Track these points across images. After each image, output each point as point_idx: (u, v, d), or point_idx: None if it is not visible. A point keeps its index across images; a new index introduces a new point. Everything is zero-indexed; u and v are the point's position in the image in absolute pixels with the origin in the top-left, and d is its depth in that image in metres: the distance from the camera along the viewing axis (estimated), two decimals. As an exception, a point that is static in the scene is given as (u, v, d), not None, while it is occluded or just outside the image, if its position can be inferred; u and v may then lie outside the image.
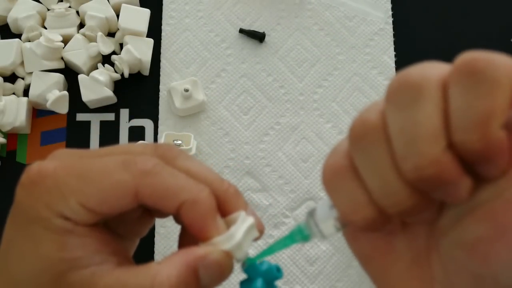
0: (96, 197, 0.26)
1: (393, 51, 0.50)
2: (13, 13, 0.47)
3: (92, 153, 0.28)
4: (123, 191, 0.26)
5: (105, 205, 0.26)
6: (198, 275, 0.25)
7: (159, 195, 0.26)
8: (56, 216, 0.26)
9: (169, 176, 0.26)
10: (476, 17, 0.52)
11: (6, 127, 0.44)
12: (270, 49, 0.50)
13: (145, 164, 0.26)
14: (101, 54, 0.47)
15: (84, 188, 0.26)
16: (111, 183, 0.26)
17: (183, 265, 0.25)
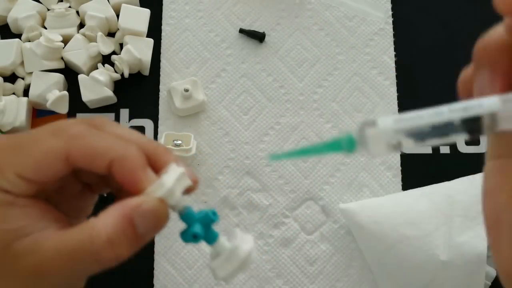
0: (30, 165, 0.27)
1: (393, 51, 0.50)
2: (13, 13, 0.47)
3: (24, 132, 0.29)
4: (55, 156, 0.27)
5: (40, 173, 0.27)
6: (134, 224, 0.25)
7: (88, 155, 0.27)
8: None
9: (97, 137, 0.27)
10: (476, 17, 0.52)
11: (6, 127, 0.44)
12: (270, 49, 0.50)
13: (73, 129, 0.27)
14: (101, 54, 0.47)
15: (18, 159, 0.27)
16: (42, 150, 0.27)
17: (119, 215, 0.25)
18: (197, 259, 0.44)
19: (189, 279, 0.43)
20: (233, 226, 0.45)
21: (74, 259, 0.26)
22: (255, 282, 0.43)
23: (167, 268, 0.43)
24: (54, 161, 0.27)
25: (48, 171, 0.27)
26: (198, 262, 0.44)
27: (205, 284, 0.43)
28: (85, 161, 0.27)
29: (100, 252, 0.25)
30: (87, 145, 0.27)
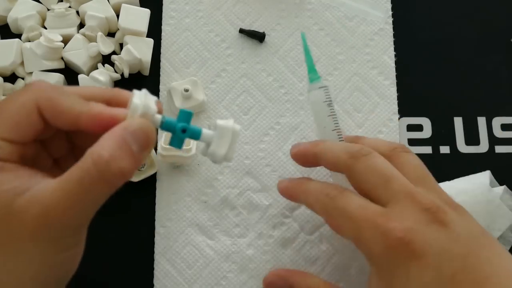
0: (9, 124, 0.28)
1: (393, 51, 0.50)
2: (13, 13, 0.47)
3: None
4: (27, 109, 0.28)
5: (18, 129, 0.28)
6: (128, 143, 0.27)
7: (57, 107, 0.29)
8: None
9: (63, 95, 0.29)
10: (476, 17, 0.52)
11: (6, 127, 0.44)
12: (270, 49, 0.50)
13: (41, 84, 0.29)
14: (101, 54, 0.47)
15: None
16: (16, 106, 0.29)
17: (113, 137, 0.27)
18: (197, 259, 0.44)
19: (189, 279, 0.43)
20: (233, 226, 0.45)
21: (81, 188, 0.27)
22: (255, 282, 0.43)
23: (167, 268, 0.43)
24: (28, 113, 0.28)
25: (25, 126, 0.29)
26: (198, 262, 0.44)
27: (205, 284, 0.43)
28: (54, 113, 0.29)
29: (105, 170, 0.26)
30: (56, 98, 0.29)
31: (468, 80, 0.50)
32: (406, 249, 0.30)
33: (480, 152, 0.48)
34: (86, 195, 0.27)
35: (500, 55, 0.51)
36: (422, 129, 0.48)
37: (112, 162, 0.27)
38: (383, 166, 0.34)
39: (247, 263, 0.44)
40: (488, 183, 0.44)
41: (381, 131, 0.48)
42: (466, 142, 0.48)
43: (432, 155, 0.48)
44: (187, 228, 0.44)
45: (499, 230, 0.43)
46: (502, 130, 0.49)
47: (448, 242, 0.30)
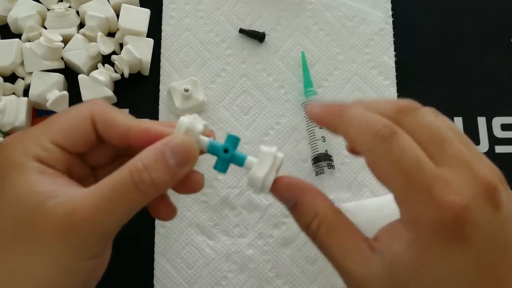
0: (63, 130, 0.30)
1: (393, 51, 0.50)
2: (13, 13, 0.47)
3: None
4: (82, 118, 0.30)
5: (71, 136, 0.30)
6: (165, 156, 0.28)
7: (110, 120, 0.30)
8: (30, 159, 0.29)
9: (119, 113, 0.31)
10: (476, 17, 0.52)
11: (6, 127, 0.44)
12: (270, 49, 0.50)
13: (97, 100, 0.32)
14: (101, 54, 0.47)
15: (51, 127, 0.30)
16: (71, 115, 0.31)
17: (152, 149, 0.28)
18: (197, 259, 0.44)
19: (189, 279, 0.43)
20: (233, 226, 0.45)
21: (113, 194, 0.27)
22: (255, 282, 0.43)
23: (167, 268, 0.43)
24: (82, 122, 0.30)
25: (77, 134, 0.30)
26: (198, 262, 0.44)
27: (205, 284, 0.43)
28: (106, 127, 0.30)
29: (138, 180, 0.28)
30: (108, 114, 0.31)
31: (468, 80, 0.50)
32: (457, 229, 0.26)
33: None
34: (117, 201, 0.28)
35: (500, 55, 0.51)
36: (422, 129, 0.48)
37: (145, 172, 0.28)
38: (436, 125, 0.28)
39: (247, 263, 0.44)
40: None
41: (381, 131, 0.48)
42: (466, 142, 0.48)
43: (432, 155, 0.48)
44: (187, 228, 0.44)
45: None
46: (502, 130, 0.49)
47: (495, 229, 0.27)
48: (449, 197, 0.26)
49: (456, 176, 0.27)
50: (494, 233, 0.27)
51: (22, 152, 0.29)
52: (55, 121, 0.31)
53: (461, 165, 0.27)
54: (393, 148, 0.27)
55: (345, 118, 0.29)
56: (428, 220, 0.26)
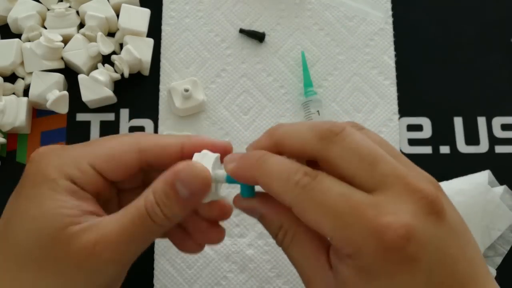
0: (104, 156, 0.30)
1: (393, 51, 0.50)
2: (13, 13, 0.47)
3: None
4: (128, 147, 0.30)
5: (113, 164, 0.30)
6: (176, 188, 0.28)
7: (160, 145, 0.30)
8: (63, 178, 0.28)
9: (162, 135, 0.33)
10: (476, 17, 0.52)
11: (6, 127, 0.44)
12: (270, 49, 0.50)
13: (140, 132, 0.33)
14: (101, 54, 0.47)
15: (93, 150, 0.29)
16: (115, 143, 0.30)
17: (163, 180, 0.28)
18: (197, 259, 0.44)
19: (189, 279, 0.43)
20: (233, 226, 0.45)
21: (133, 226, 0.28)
22: (255, 282, 0.43)
23: (167, 268, 0.43)
24: (127, 151, 0.30)
25: (120, 162, 0.30)
26: (198, 262, 0.44)
27: (205, 284, 0.43)
28: (158, 151, 0.30)
29: (152, 213, 0.28)
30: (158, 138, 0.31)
31: (468, 80, 0.50)
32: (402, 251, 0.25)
33: (480, 152, 0.48)
34: (136, 234, 0.28)
35: (500, 55, 0.51)
36: (422, 129, 0.48)
37: (157, 207, 0.28)
38: (364, 145, 0.27)
39: (247, 263, 0.44)
40: (486, 183, 0.44)
41: (381, 131, 0.48)
42: (466, 142, 0.48)
43: (432, 155, 0.48)
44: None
45: (499, 230, 0.43)
46: (502, 130, 0.49)
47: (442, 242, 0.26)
48: (385, 219, 0.25)
49: (390, 196, 0.26)
50: (442, 247, 0.26)
51: (57, 168, 0.29)
52: (99, 145, 0.30)
53: (396, 183, 0.26)
54: (315, 192, 0.26)
55: (264, 171, 0.28)
56: (369, 250, 0.25)
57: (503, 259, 0.44)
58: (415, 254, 0.25)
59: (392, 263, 0.25)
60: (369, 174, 0.27)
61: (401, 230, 0.25)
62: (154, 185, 0.28)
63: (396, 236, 0.24)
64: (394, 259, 0.25)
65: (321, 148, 0.28)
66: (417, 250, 0.25)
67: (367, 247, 0.25)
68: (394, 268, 0.25)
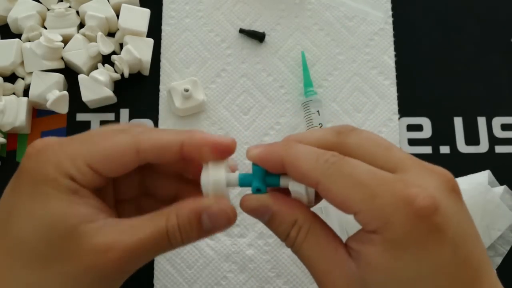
0: (101, 155, 0.29)
1: (393, 51, 0.50)
2: (13, 13, 0.47)
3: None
4: (125, 148, 0.29)
5: (110, 164, 0.29)
6: (202, 221, 0.28)
7: (160, 145, 0.29)
8: (64, 177, 0.28)
9: (162, 131, 0.30)
10: (476, 17, 0.52)
11: (6, 127, 0.44)
12: (270, 49, 0.50)
13: (138, 128, 0.30)
14: (101, 54, 0.47)
15: (90, 150, 0.29)
16: (114, 143, 0.29)
17: (190, 209, 0.28)
18: (197, 259, 0.44)
19: (189, 279, 0.43)
20: (233, 226, 0.44)
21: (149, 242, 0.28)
22: (255, 282, 0.43)
23: (167, 268, 0.43)
24: (125, 152, 0.29)
25: (118, 162, 0.29)
26: (198, 262, 0.44)
27: (205, 284, 0.43)
28: (158, 150, 0.29)
29: (172, 237, 0.28)
30: (157, 137, 0.29)
31: (468, 80, 0.50)
32: (430, 220, 0.25)
33: (480, 152, 0.48)
34: (151, 250, 0.28)
35: (500, 55, 0.51)
36: (422, 129, 0.48)
37: (178, 231, 0.28)
38: (377, 137, 0.29)
39: (247, 263, 0.44)
40: (486, 183, 0.44)
41: (381, 131, 0.48)
42: (466, 142, 0.48)
43: (432, 155, 0.48)
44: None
45: (499, 230, 0.43)
46: (502, 130, 0.49)
47: (463, 221, 0.27)
48: (413, 190, 0.26)
49: (413, 175, 0.27)
50: (463, 226, 0.27)
51: (56, 167, 0.28)
52: (96, 144, 0.29)
53: (414, 165, 0.27)
54: (344, 167, 0.27)
55: (291, 152, 0.29)
56: (399, 219, 0.25)
57: (503, 259, 0.44)
58: (441, 225, 0.25)
59: (421, 232, 0.25)
60: (387, 158, 0.28)
61: (429, 199, 0.25)
62: (179, 210, 0.29)
63: (424, 205, 0.25)
64: (423, 227, 0.25)
65: (339, 140, 0.29)
66: (443, 222, 0.25)
67: (396, 216, 0.25)
68: (423, 237, 0.25)
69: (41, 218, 0.27)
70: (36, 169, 0.28)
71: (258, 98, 0.48)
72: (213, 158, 0.30)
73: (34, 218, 0.27)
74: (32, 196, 0.28)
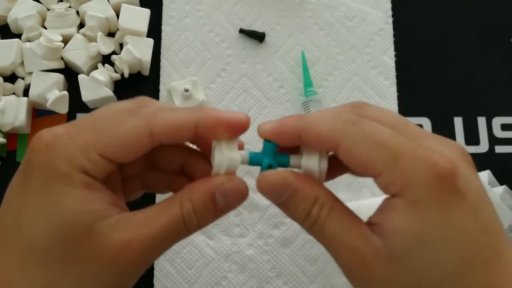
0: (115, 145, 0.28)
1: (393, 51, 0.50)
2: (13, 13, 0.47)
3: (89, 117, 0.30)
4: (139, 133, 0.28)
5: (124, 152, 0.28)
6: (215, 200, 0.28)
7: (174, 126, 0.28)
8: (77, 171, 0.27)
9: (174, 111, 0.29)
10: (476, 17, 0.52)
11: (6, 127, 0.44)
12: (270, 49, 0.50)
13: (148, 108, 0.29)
14: (101, 54, 0.47)
15: (102, 138, 0.28)
16: (126, 129, 0.28)
17: (203, 191, 0.28)
18: (197, 259, 0.44)
19: (189, 279, 0.43)
20: (233, 226, 0.45)
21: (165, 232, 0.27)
22: (255, 282, 0.43)
23: (167, 268, 0.43)
24: (139, 138, 0.28)
25: (132, 149, 0.28)
26: (198, 262, 0.44)
27: (205, 284, 0.43)
28: (171, 133, 0.28)
29: (188, 221, 0.28)
30: (170, 119, 0.28)
31: (468, 80, 0.50)
32: (451, 182, 0.25)
33: (480, 152, 0.48)
34: (168, 240, 0.28)
35: (500, 55, 0.51)
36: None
37: (194, 216, 0.28)
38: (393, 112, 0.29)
39: (247, 263, 0.44)
40: (486, 183, 0.44)
41: (381, 131, 0.48)
42: (466, 142, 0.48)
43: (432, 155, 0.48)
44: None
45: (499, 230, 0.43)
46: (502, 130, 0.49)
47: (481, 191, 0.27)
48: (435, 155, 0.26)
49: (432, 144, 0.27)
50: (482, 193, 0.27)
51: (68, 161, 0.27)
52: (108, 132, 0.28)
53: (432, 138, 0.28)
54: (365, 127, 0.27)
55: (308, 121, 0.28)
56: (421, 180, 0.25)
57: (503, 259, 0.44)
58: (462, 188, 0.25)
59: (443, 193, 0.25)
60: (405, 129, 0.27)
61: (449, 164, 0.25)
62: (192, 193, 0.28)
63: (446, 167, 0.25)
64: (445, 188, 0.25)
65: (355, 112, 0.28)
66: (464, 185, 0.26)
67: (419, 177, 0.25)
68: (445, 198, 0.25)
69: (54, 217, 0.26)
70: (47, 165, 0.27)
71: (258, 98, 0.48)
72: (227, 137, 0.29)
73: (47, 218, 0.26)
74: (44, 194, 0.27)
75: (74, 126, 0.28)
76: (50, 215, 0.26)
